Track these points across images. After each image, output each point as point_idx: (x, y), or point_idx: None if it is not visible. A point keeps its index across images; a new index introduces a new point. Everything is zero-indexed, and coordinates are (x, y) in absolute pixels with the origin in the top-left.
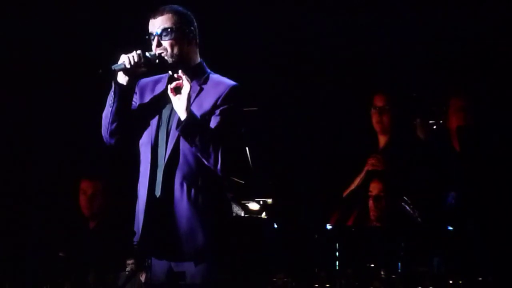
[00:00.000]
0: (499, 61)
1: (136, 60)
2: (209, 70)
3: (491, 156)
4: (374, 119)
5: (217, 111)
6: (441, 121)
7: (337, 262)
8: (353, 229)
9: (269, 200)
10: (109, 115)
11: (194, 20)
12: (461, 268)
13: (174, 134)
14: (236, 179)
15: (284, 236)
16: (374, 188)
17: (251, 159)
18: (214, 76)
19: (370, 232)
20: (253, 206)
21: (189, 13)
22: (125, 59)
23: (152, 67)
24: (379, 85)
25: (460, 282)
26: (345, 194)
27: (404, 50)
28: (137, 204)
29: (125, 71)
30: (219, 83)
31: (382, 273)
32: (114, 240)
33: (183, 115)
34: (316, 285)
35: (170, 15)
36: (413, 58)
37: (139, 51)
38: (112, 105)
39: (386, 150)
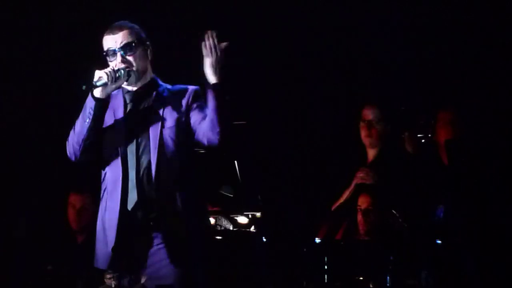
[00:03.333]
0: (487, 75)
1: (115, 75)
2: (161, 83)
3: (479, 170)
4: (363, 133)
5: (194, 105)
6: (429, 135)
7: (325, 276)
8: (341, 243)
9: (258, 214)
10: (85, 131)
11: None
12: (449, 282)
13: (145, 148)
14: (224, 192)
15: (273, 249)
16: (363, 202)
17: (240, 173)
18: (169, 86)
19: (358, 246)
20: (242, 219)
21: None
22: (103, 75)
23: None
24: (367, 98)
25: None
26: (333, 207)
27: (392, 64)
28: (100, 221)
29: (104, 86)
30: (181, 89)
31: (370, 286)
32: None
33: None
34: None
35: (129, 30)
36: (402, 71)
37: (115, 67)
38: (89, 121)
39: (375, 164)
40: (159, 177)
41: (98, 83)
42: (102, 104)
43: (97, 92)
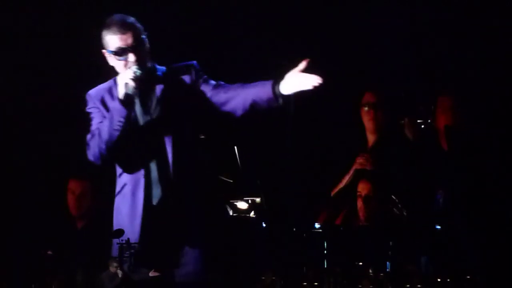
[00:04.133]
0: (487, 60)
1: (136, 77)
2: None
3: (479, 156)
4: (367, 117)
5: (200, 80)
6: (429, 121)
7: (325, 261)
8: (341, 228)
9: (258, 199)
10: (115, 138)
11: None
12: (449, 267)
13: (162, 139)
14: (224, 178)
15: (273, 235)
16: (363, 188)
17: (240, 158)
18: (164, 68)
19: (358, 231)
20: (242, 205)
21: None
22: (129, 82)
23: None
24: (368, 84)
25: (448, 280)
26: (333, 193)
27: (392, 49)
28: (119, 216)
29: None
30: (179, 67)
31: (370, 271)
32: (102, 240)
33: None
34: (305, 284)
35: (137, 28)
36: (402, 57)
37: (135, 69)
38: (119, 128)
39: (375, 149)
40: (177, 169)
41: (130, 92)
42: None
43: (127, 101)
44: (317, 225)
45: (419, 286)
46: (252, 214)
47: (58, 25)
